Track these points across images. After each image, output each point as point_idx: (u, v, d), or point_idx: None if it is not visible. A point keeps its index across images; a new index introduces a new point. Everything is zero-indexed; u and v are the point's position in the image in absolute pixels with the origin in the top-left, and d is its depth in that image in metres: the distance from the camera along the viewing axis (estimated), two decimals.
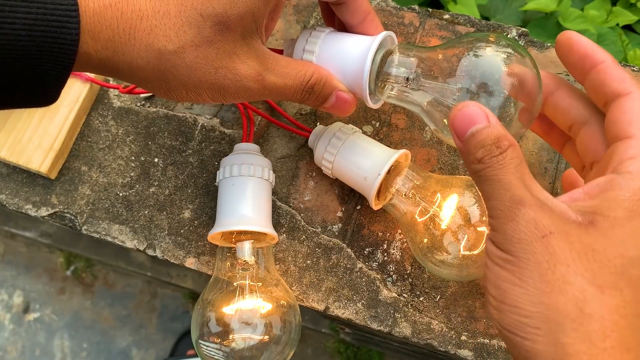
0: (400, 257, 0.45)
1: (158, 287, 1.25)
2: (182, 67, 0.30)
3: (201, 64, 0.30)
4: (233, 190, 0.42)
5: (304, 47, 0.37)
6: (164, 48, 0.29)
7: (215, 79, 0.31)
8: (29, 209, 0.48)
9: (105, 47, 0.28)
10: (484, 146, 0.26)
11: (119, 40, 0.28)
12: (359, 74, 0.36)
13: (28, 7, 0.25)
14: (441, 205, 0.40)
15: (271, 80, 0.33)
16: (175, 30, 0.29)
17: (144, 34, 0.29)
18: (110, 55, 0.29)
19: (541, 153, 0.47)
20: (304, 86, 0.35)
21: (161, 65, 0.30)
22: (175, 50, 0.29)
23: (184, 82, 0.31)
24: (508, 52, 0.33)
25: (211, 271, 0.45)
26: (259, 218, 0.41)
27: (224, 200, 0.42)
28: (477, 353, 0.42)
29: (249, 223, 0.40)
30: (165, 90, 0.32)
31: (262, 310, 0.40)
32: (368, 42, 0.36)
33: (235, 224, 0.40)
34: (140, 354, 1.22)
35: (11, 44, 0.25)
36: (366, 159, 0.41)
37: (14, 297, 1.27)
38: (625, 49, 0.94)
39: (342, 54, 0.37)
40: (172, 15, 0.29)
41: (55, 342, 1.24)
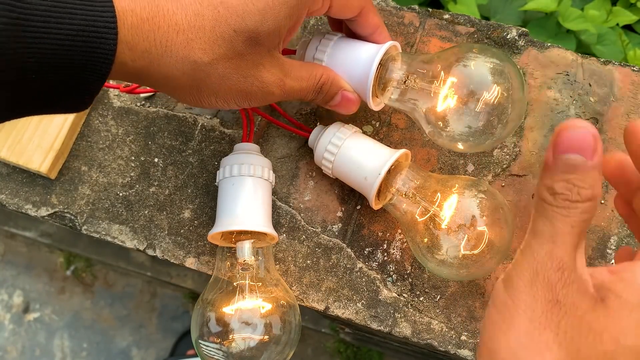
0: (400, 257, 0.45)
1: (158, 287, 1.25)
2: (215, 77, 0.32)
3: (232, 73, 0.33)
4: (233, 190, 0.41)
5: (314, 54, 0.41)
6: (199, 60, 0.31)
7: (244, 86, 0.34)
8: (29, 209, 0.48)
9: (142, 57, 0.30)
10: (569, 182, 0.25)
11: (155, 52, 0.30)
12: (363, 78, 0.39)
13: (71, 18, 0.26)
14: (441, 205, 0.40)
15: (290, 84, 0.37)
16: (210, 43, 0.31)
17: (180, 46, 0.31)
18: (146, 64, 0.31)
19: (541, 153, 0.47)
20: (315, 86, 0.39)
21: (196, 75, 0.32)
22: (210, 61, 0.32)
23: (215, 90, 0.34)
24: (493, 62, 0.38)
25: (211, 271, 0.45)
26: (259, 218, 0.41)
27: (224, 200, 0.42)
28: (477, 353, 0.42)
29: (249, 223, 0.40)
30: (197, 98, 0.34)
31: (262, 310, 0.40)
32: (374, 49, 0.40)
33: (235, 224, 0.40)
34: (140, 353, 1.22)
35: (56, 52, 0.26)
36: (366, 159, 0.41)
37: (14, 297, 1.27)
38: (625, 48, 0.94)
39: (350, 60, 0.40)
40: (207, 30, 0.31)
41: (55, 342, 1.24)
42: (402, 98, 0.41)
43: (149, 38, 0.30)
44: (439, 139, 0.41)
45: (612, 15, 0.94)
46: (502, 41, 0.50)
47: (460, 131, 0.39)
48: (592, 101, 0.48)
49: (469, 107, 0.38)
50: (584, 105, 0.48)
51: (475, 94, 0.38)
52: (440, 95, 0.39)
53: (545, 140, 0.47)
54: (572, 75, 0.49)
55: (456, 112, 0.39)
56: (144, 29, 0.30)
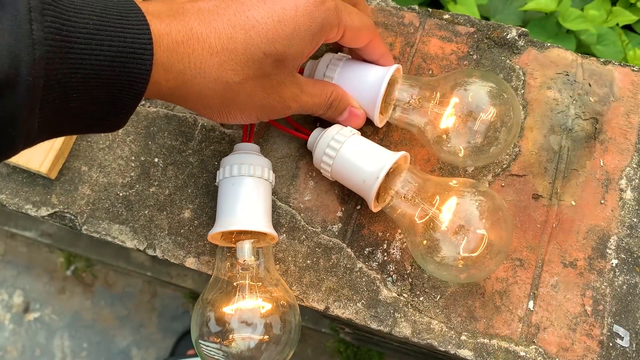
0: (400, 257, 0.45)
1: (158, 287, 1.25)
2: (243, 95, 0.35)
3: (258, 91, 0.36)
4: (233, 190, 0.41)
5: (324, 71, 0.45)
6: (231, 80, 0.34)
7: (267, 102, 0.37)
8: (29, 209, 0.48)
9: (176, 78, 0.32)
10: None
11: (189, 73, 0.33)
12: (372, 97, 0.43)
13: (111, 40, 0.28)
14: (440, 208, 0.40)
15: (305, 99, 0.40)
16: (241, 65, 0.34)
17: (213, 68, 0.33)
18: (180, 85, 0.33)
19: (541, 153, 0.47)
20: (326, 102, 0.42)
21: (226, 95, 0.35)
22: (240, 81, 0.34)
23: (242, 106, 0.37)
24: (491, 86, 0.42)
25: (211, 271, 0.45)
26: (259, 218, 0.41)
27: (224, 200, 0.42)
28: (477, 353, 0.42)
29: (249, 223, 0.40)
30: (225, 115, 0.37)
31: (262, 310, 0.40)
32: (382, 72, 0.43)
33: (235, 224, 0.40)
34: (140, 353, 1.22)
35: (96, 73, 0.28)
36: (365, 162, 0.41)
37: (14, 297, 1.27)
38: (625, 48, 0.94)
39: (358, 80, 0.44)
40: (240, 52, 0.33)
41: (55, 341, 1.24)
42: (404, 116, 0.45)
43: (184, 60, 0.32)
44: (440, 153, 0.44)
45: (612, 16, 0.94)
46: (502, 41, 0.50)
47: (461, 147, 0.42)
48: (592, 101, 0.48)
49: (468, 126, 0.42)
50: (583, 105, 0.48)
51: (474, 115, 0.42)
52: (442, 115, 0.42)
53: (545, 140, 0.47)
54: (572, 75, 0.49)
55: (456, 130, 0.42)
56: (179, 51, 0.32)
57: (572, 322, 0.43)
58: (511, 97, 0.42)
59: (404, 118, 0.45)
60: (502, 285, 0.44)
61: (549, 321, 0.43)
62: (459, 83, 0.42)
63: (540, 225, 0.45)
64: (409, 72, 0.50)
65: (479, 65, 0.50)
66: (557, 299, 0.43)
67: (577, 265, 0.44)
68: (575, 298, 0.43)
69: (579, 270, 0.44)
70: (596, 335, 0.42)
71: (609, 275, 0.44)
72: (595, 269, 0.44)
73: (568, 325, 0.43)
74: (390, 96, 0.44)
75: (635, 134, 0.47)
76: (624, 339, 0.42)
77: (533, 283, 0.44)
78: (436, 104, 0.42)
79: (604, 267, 0.44)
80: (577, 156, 0.47)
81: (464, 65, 0.50)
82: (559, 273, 0.44)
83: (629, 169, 0.46)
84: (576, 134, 0.48)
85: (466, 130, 0.42)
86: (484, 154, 0.43)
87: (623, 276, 0.44)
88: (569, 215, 0.45)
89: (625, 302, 0.43)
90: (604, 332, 0.43)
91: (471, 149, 0.42)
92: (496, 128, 0.42)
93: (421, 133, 0.44)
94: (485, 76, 0.43)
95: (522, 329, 0.43)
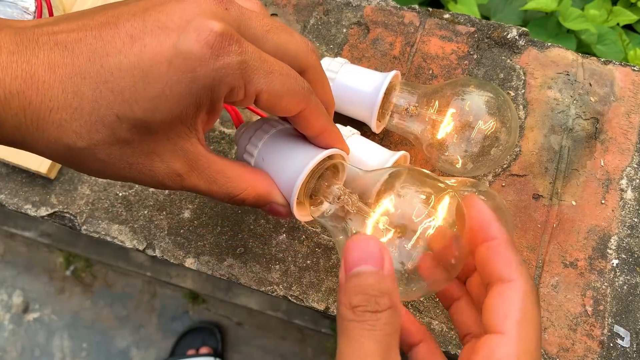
0: None
1: (158, 287, 1.25)
2: (93, 162, 0.28)
3: (114, 160, 0.28)
4: (266, 163, 0.35)
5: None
6: (73, 144, 0.27)
7: (129, 174, 0.29)
8: (29, 209, 0.48)
9: (13, 134, 0.26)
10: (365, 292, 0.24)
11: (25, 130, 0.26)
12: (368, 104, 0.43)
13: None
14: None
15: (192, 182, 0.30)
16: (87, 128, 0.26)
17: (52, 127, 0.26)
18: (20, 140, 0.27)
19: (542, 153, 0.47)
20: (230, 198, 0.32)
21: (71, 159, 0.28)
22: (86, 147, 0.27)
23: (95, 172, 0.29)
24: (488, 96, 0.41)
25: (210, 271, 0.45)
26: (312, 152, 0.34)
27: (272, 175, 0.35)
28: None
29: (311, 160, 0.33)
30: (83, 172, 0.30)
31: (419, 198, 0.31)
32: (380, 79, 0.43)
33: (296, 178, 0.33)
34: (140, 354, 1.22)
35: None
36: (365, 163, 0.41)
37: (14, 297, 1.27)
38: (626, 48, 0.94)
39: (355, 87, 0.43)
40: (85, 112, 0.26)
41: (55, 342, 1.24)
42: (401, 122, 0.44)
43: (18, 115, 0.26)
44: (438, 162, 0.44)
45: (612, 15, 0.94)
46: (503, 41, 0.50)
47: (458, 157, 0.42)
48: (592, 101, 0.48)
49: (465, 136, 0.41)
50: (584, 105, 0.48)
51: (471, 125, 0.41)
52: (440, 125, 0.42)
53: (545, 140, 0.47)
54: (572, 75, 0.49)
55: (453, 140, 0.42)
56: (13, 104, 0.25)
57: (573, 322, 0.43)
58: (509, 108, 0.42)
59: (401, 125, 0.45)
60: None
61: (550, 321, 0.43)
62: (457, 92, 0.42)
63: (540, 225, 0.45)
64: (408, 71, 0.50)
65: (479, 65, 0.50)
66: (557, 299, 0.43)
67: (577, 265, 0.44)
68: (576, 298, 0.43)
69: (579, 270, 0.44)
70: (597, 336, 0.42)
71: (609, 276, 0.44)
72: (595, 269, 0.44)
73: (568, 325, 0.43)
74: (388, 103, 0.44)
75: (636, 134, 0.47)
76: (624, 339, 0.42)
77: (533, 283, 0.44)
78: (434, 113, 0.43)
79: (604, 267, 0.44)
80: (577, 156, 0.47)
81: (465, 64, 0.50)
82: (559, 273, 0.44)
83: (629, 168, 0.46)
84: (577, 133, 0.48)
85: (463, 140, 0.42)
86: (480, 163, 0.43)
87: (624, 276, 0.44)
88: (569, 215, 0.45)
89: (625, 303, 0.43)
90: (605, 333, 0.42)
91: (468, 158, 0.42)
92: (493, 137, 0.41)
93: (418, 141, 0.44)
94: (483, 85, 0.43)
95: None
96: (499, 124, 0.41)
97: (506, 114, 0.42)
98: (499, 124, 0.41)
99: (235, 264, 0.45)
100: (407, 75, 0.50)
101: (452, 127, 0.42)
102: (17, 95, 0.25)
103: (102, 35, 0.26)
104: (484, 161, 0.43)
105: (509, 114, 0.42)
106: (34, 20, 0.28)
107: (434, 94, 0.43)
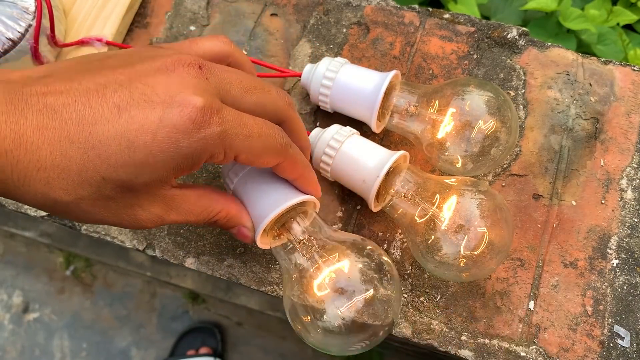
0: (401, 257, 0.45)
1: (157, 287, 1.25)
2: (78, 213, 0.30)
3: (99, 212, 0.30)
4: (248, 188, 0.39)
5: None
6: (59, 199, 0.28)
7: (113, 221, 0.31)
8: (28, 209, 0.47)
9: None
10: None
11: (12, 185, 0.28)
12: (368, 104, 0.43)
13: None
14: (440, 206, 0.40)
15: (172, 218, 0.33)
16: (73, 185, 0.28)
17: (39, 183, 0.28)
18: (5, 192, 0.28)
19: (542, 153, 0.47)
20: (206, 220, 0.36)
21: (57, 210, 0.29)
22: (72, 201, 0.29)
23: (81, 220, 0.31)
24: (488, 96, 0.41)
25: (210, 271, 0.45)
26: (287, 194, 0.38)
27: (247, 200, 0.39)
28: (477, 353, 0.42)
29: (281, 203, 0.37)
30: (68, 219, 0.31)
31: (346, 270, 0.37)
32: (380, 79, 0.43)
33: (270, 213, 0.37)
34: (140, 353, 1.22)
35: None
36: (364, 162, 0.41)
37: (14, 297, 1.27)
38: (626, 48, 0.94)
39: (355, 86, 0.44)
40: (73, 173, 0.28)
41: (54, 342, 1.24)
42: (401, 122, 0.44)
43: (6, 170, 0.27)
44: (438, 162, 0.44)
45: (612, 15, 0.94)
46: (503, 41, 0.50)
47: (458, 156, 0.43)
48: (592, 101, 0.48)
49: (465, 135, 0.41)
50: (584, 105, 0.48)
51: (471, 124, 0.41)
52: (440, 124, 0.42)
53: (545, 140, 0.47)
54: (572, 74, 0.49)
55: (453, 139, 0.42)
56: (0, 161, 0.27)
57: (573, 322, 0.43)
58: (509, 108, 0.42)
59: (401, 125, 0.45)
60: (503, 285, 0.44)
61: (550, 321, 0.43)
62: (457, 92, 0.42)
63: (540, 225, 0.45)
64: (408, 71, 0.50)
65: (479, 65, 0.50)
66: (557, 299, 0.43)
67: (577, 265, 0.44)
68: (576, 298, 0.43)
69: (579, 270, 0.44)
70: (597, 336, 0.42)
71: (609, 276, 0.44)
72: (595, 269, 0.44)
73: (569, 325, 0.43)
74: (388, 102, 0.44)
75: (636, 134, 0.47)
76: (624, 339, 0.42)
77: (533, 283, 0.44)
78: (434, 113, 0.42)
79: (604, 267, 0.44)
80: (577, 156, 0.47)
81: (465, 64, 0.50)
82: (559, 273, 0.44)
83: (629, 168, 0.46)
84: (577, 133, 0.48)
85: (463, 140, 0.42)
86: (480, 163, 0.43)
87: (624, 276, 0.44)
88: (569, 215, 0.45)
89: (626, 303, 0.43)
90: (605, 333, 0.42)
91: (468, 158, 0.42)
92: (493, 137, 0.41)
93: (418, 140, 0.44)
94: (483, 85, 0.43)
95: (523, 329, 0.43)
96: (499, 124, 0.41)
97: (506, 113, 0.42)
98: (499, 124, 0.41)
99: (235, 264, 0.45)
100: (407, 75, 0.50)
101: (452, 127, 0.42)
102: (5, 154, 0.27)
103: (91, 103, 0.28)
104: (484, 161, 0.43)
105: (509, 114, 0.42)
106: (23, 72, 0.29)
107: (434, 93, 0.43)
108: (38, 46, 0.45)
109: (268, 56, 0.51)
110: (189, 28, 0.53)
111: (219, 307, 1.19)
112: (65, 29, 0.49)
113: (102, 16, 0.50)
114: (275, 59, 0.51)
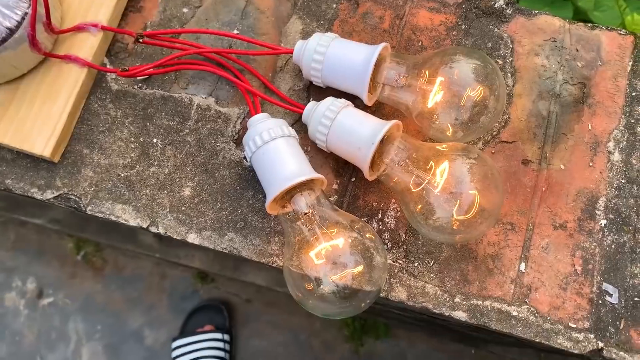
0: (395, 225, 0.46)
1: (167, 268, 1.27)
2: None
3: None
4: (266, 158, 0.43)
5: (315, 47, 0.45)
6: None
7: None
8: (35, 192, 0.49)
9: None
10: None
11: None
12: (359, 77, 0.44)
13: None
14: (434, 172, 0.41)
15: None
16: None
17: None
18: None
19: (530, 119, 0.48)
20: None
21: None
22: None
23: None
24: (476, 64, 0.43)
25: (212, 245, 0.47)
26: (300, 169, 0.42)
27: (263, 170, 0.43)
28: (471, 314, 0.43)
29: (293, 178, 0.41)
30: None
31: (342, 245, 0.40)
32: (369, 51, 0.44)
33: (282, 185, 0.41)
34: (152, 334, 1.25)
35: None
36: (359, 130, 0.43)
37: (28, 284, 1.30)
38: (623, 14, 0.93)
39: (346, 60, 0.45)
40: None
41: (69, 325, 1.28)
42: (393, 94, 0.46)
43: None
44: (429, 130, 0.45)
45: None
46: (490, 10, 0.51)
47: (448, 124, 0.44)
48: (579, 66, 0.49)
49: (454, 103, 0.43)
50: (571, 71, 0.49)
51: (460, 92, 0.42)
52: (429, 94, 0.43)
53: (533, 107, 0.48)
54: (559, 41, 0.50)
55: (443, 107, 0.43)
56: None
57: (563, 281, 0.44)
58: (496, 75, 0.43)
59: (393, 96, 0.46)
60: (494, 249, 0.45)
61: (540, 282, 0.44)
62: (445, 61, 0.43)
63: (530, 189, 0.46)
64: (398, 44, 0.51)
65: (467, 35, 0.51)
66: (548, 260, 0.45)
67: (567, 227, 0.45)
68: (566, 258, 0.45)
69: (569, 231, 0.45)
70: (586, 294, 0.44)
71: (598, 236, 0.45)
72: (584, 230, 0.45)
73: (559, 285, 0.44)
74: (379, 75, 0.45)
75: (623, 97, 0.48)
76: (612, 296, 0.44)
77: (524, 246, 0.45)
78: (424, 83, 0.43)
79: (593, 227, 0.45)
80: (565, 121, 0.48)
81: (453, 35, 0.51)
82: (549, 235, 0.45)
83: (616, 131, 0.47)
84: (564, 99, 0.48)
85: (453, 107, 0.43)
86: (470, 130, 0.44)
87: (612, 236, 0.45)
88: (558, 179, 0.47)
89: (614, 261, 0.44)
90: (594, 290, 0.44)
91: (458, 125, 0.43)
92: (481, 104, 0.42)
93: (409, 111, 0.45)
94: (471, 53, 0.44)
95: (515, 290, 0.44)
96: (487, 91, 0.42)
97: (494, 80, 0.43)
98: (487, 91, 0.42)
99: (236, 238, 0.47)
100: (398, 47, 0.51)
101: (442, 96, 0.43)
102: None
103: None
104: (474, 128, 0.44)
105: (496, 80, 0.43)
106: None
107: (423, 64, 0.44)
108: (35, 33, 0.46)
109: (260, 34, 0.52)
110: (182, 10, 0.54)
111: (228, 285, 1.21)
112: (61, 15, 0.50)
113: (97, 1, 0.51)
114: (267, 37, 0.52)
